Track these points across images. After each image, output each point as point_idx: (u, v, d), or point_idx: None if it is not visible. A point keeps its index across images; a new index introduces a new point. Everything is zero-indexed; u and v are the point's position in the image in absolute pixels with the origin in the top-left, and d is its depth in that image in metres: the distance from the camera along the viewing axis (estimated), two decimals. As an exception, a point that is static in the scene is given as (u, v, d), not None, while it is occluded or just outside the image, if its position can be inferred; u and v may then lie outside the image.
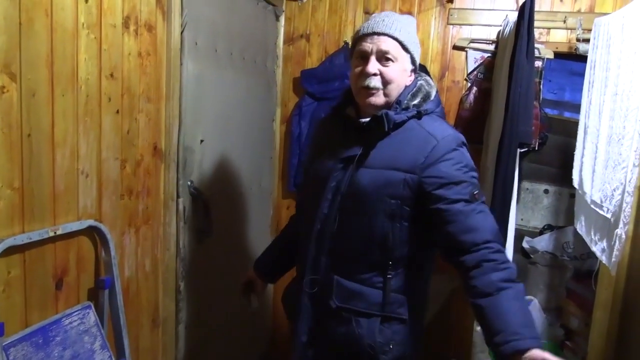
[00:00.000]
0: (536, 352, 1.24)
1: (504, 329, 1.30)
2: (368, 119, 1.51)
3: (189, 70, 2.04)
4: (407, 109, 1.52)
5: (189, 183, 2.10)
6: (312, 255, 1.55)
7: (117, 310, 1.70)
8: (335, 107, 1.63)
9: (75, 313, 1.55)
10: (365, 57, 1.50)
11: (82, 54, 1.52)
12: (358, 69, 1.51)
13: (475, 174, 1.50)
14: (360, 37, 1.52)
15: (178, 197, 2.05)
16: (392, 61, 1.49)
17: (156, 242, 1.98)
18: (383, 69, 1.48)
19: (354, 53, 1.55)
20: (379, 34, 1.48)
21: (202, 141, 2.17)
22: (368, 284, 1.53)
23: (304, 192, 1.70)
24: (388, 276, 1.52)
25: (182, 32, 1.97)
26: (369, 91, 1.50)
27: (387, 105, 1.53)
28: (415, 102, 1.54)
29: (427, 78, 1.61)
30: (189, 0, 1.98)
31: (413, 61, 1.55)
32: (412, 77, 1.57)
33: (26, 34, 1.33)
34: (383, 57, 1.49)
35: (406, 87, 1.55)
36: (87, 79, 1.55)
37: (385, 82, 1.49)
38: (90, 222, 1.59)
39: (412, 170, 1.46)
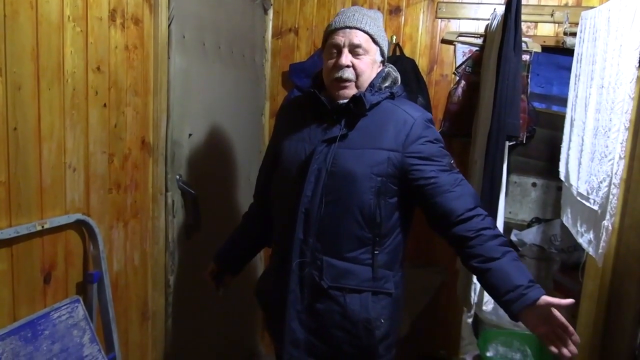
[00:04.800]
0: (545, 297, 1.34)
1: (513, 288, 1.39)
2: (346, 101, 1.57)
3: (177, 63, 2.03)
4: (379, 90, 1.61)
5: (177, 177, 2.09)
6: (300, 238, 1.56)
7: (106, 304, 1.70)
8: (308, 93, 1.65)
9: (64, 307, 1.54)
10: (338, 50, 1.57)
11: (68, 47, 1.51)
12: (331, 62, 1.58)
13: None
14: (332, 31, 1.59)
15: (167, 191, 2.05)
16: (364, 54, 1.57)
17: (145, 236, 1.98)
18: (355, 60, 1.56)
19: (327, 46, 1.61)
20: (350, 27, 1.56)
21: (190, 135, 2.17)
22: (357, 262, 1.57)
23: (278, 178, 1.70)
24: (375, 252, 1.58)
25: (169, 26, 1.96)
26: (342, 83, 1.57)
27: None
28: (387, 84, 1.63)
29: (393, 66, 1.70)
30: (177, -7, 1.97)
31: (382, 53, 1.64)
32: (380, 69, 1.66)
33: (11, 27, 1.31)
34: (355, 50, 1.56)
35: (377, 73, 1.63)
36: (74, 72, 1.54)
37: (358, 74, 1.57)
38: (78, 216, 1.59)
39: (395, 148, 1.54)
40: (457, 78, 2.84)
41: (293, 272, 1.57)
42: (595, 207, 1.93)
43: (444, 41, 2.86)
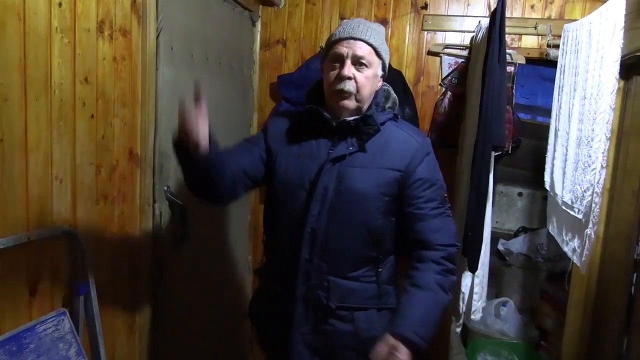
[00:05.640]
0: (391, 339, 1.41)
1: (403, 316, 1.48)
2: (355, 118, 1.55)
3: (165, 75, 2.03)
4: (383, 110, 1.60)
5: (165, 188, 2.08)
6: (305, 258, 1.54)
7: (93, 317, 1.68)
8: (309, 110, 1.60)
9: (50, 320, 1.52)
10: (340, 61, 1.53)
11: (55, 59, 1.50)
12: (333, 73, 1.54)
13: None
14: (335, 41, 1.55)
15: (154, 202, 2.04)
16: (367, 66, 1.54)
17: (132, 248, 1.96)
18: (357, 73, 1.53)
19: (329, 56, 1.58)
20: (355, 39, 1.52)
21: (178, 146, 2.16)
22: (362, 280, 1.58)
23: (279, 195, 1.63)
24: (379, 270, 1.59)
25: (157, 37, 1.97)
26: (343, 94, 1.53)
27: (359, 109, 1.58)
28: (389, 104, 1.63)
29: (389, 86, 1.69)
30: (165, 5, 1.97)
31: (383, 67, 1.61)
32: (381, 83, 1.63)
33: (-2, 38, 1.31)
34: (358, 62, 1.53)
35: (377, 91, 1.62)
36: (61, 84, 1.54)
37: (358, 87, 1.53)
38: (65, 227, 1.57)
39: (400, 169, 1.55)
40: (444, 89, 2.87)
41: (298, 293, 1.55)
42: (580, 216, 1.96)
43: (430, 53, 2.90)
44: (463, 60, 2.83)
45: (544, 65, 2.80)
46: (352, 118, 1.56)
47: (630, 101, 2.12)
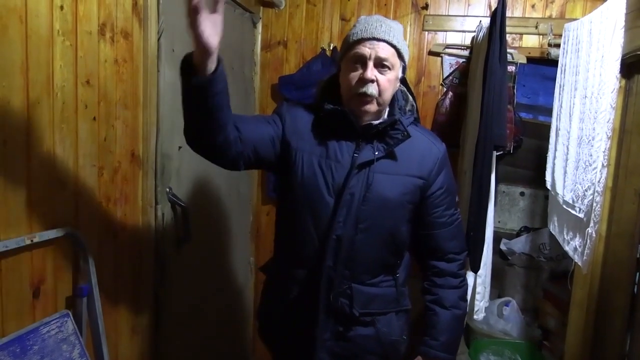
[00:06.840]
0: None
1: (436, 339, 1.59)
2: (381, 122, 1.51)
3: (166, 76, 2.03)
4: (405, 113, 1.58)
5: (167, 190, 2.09)
6: (329, 266, 1.50)
7: (96, 318, 1.69)
8: (334, 111, 1.51)
9: (53, 321, 1.53)
10: (362, 62, 1.46)
11: (57, 61, 1.51)
12: (355, 74, 1.47)
13: None
14: (357, 41, 1.47)
15: (156, 203, 2.04)
16: (389, 69, 1.47)
17: (135, 249, 1.97)
18: (379, 76, 1.46)
19: (349, 57, 1.49)
20: (378, 39, 1.45)
21: (180, 148, 2.17)
22: (382, 286, 1.58)
23: (299, 196, 1.53)
24: (397, 275, 1.61)
25: (158, 39, 1.97)
26: (366, 98, 1.47)
27: (379, 113, 1.54)
28: (408, 107, 1.60)
29: (405, 88, 1.64)
30: (166, 7, 1.98)
31: (404, 69, 1.55)
32: (398, 84, 1.57)
33: (0, 41, 1.32)
34: (380, 64, 1.46)
35: (395, 93, 1.56)
36: (63, 86, 1.54)
37: (381, 91, 1.47)
38: (68, 229, 1.58)
39: (424, 176, 1.55)
40: (445, 89, 2.87)
41: (320, 300, 1.52)
42: (581, 215, 1.96)
43: (431, 53, 2.90)
44: (464, 60, 2.83)
45: (545, 65, 2.80)
46: (378, 122, 1.51)
47: (632, 100, 2.11)
